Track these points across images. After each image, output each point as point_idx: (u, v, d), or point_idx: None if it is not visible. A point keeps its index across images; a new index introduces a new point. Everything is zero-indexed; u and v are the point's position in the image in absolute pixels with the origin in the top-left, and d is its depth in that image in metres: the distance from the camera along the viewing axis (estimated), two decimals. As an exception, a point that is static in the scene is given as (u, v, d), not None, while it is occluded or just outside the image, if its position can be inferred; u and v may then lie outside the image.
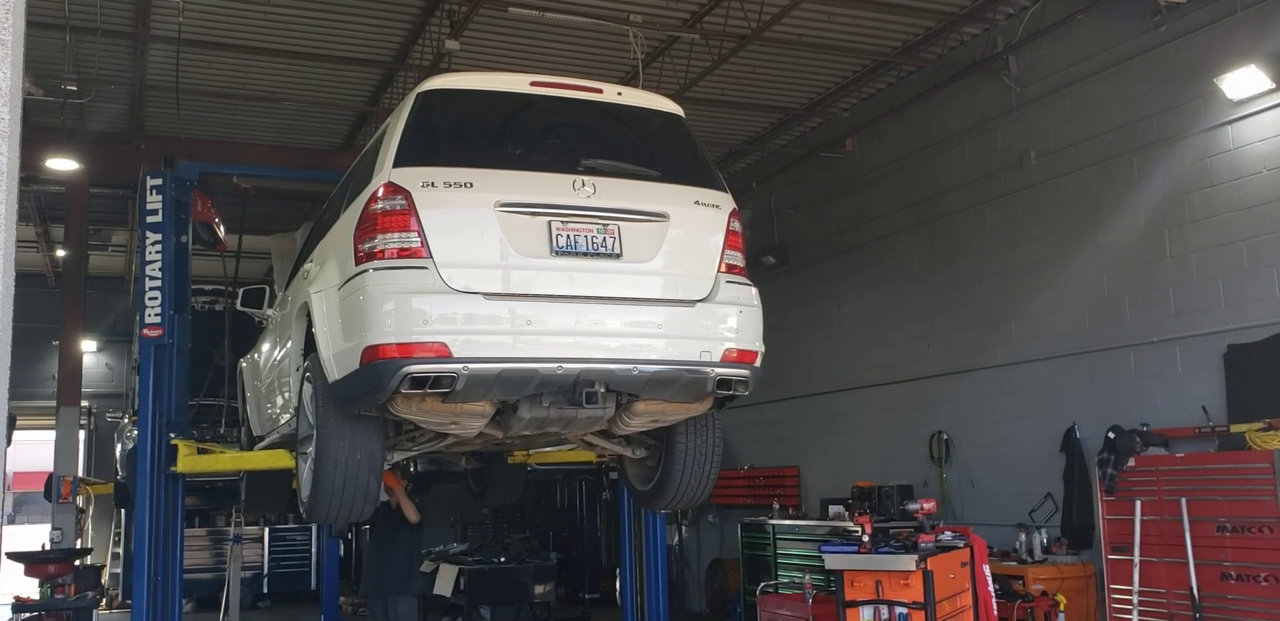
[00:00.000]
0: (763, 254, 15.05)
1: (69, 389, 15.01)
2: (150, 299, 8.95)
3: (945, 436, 12.40)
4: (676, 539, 16.80)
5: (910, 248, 13.21)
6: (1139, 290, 10.13)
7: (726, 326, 5.58)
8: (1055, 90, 11.06)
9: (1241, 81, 9.06)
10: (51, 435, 15.38)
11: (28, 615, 10.93)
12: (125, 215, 17.49)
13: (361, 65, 12.50)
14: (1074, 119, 10.88)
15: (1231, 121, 9.30)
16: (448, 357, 4.98)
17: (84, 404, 17.85)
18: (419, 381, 4.97)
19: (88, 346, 19.18)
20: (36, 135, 12.60)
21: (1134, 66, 10.22)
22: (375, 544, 10.18)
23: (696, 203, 5.74)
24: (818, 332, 14.86)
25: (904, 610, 7.86)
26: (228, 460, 8.83)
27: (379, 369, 4.97)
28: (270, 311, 8.10)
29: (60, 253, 17.94)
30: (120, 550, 19.09)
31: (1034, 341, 11.28)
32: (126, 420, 16.39)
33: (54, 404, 15.28)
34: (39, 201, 16.97)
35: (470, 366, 5.00)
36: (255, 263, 16.73)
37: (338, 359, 5.32)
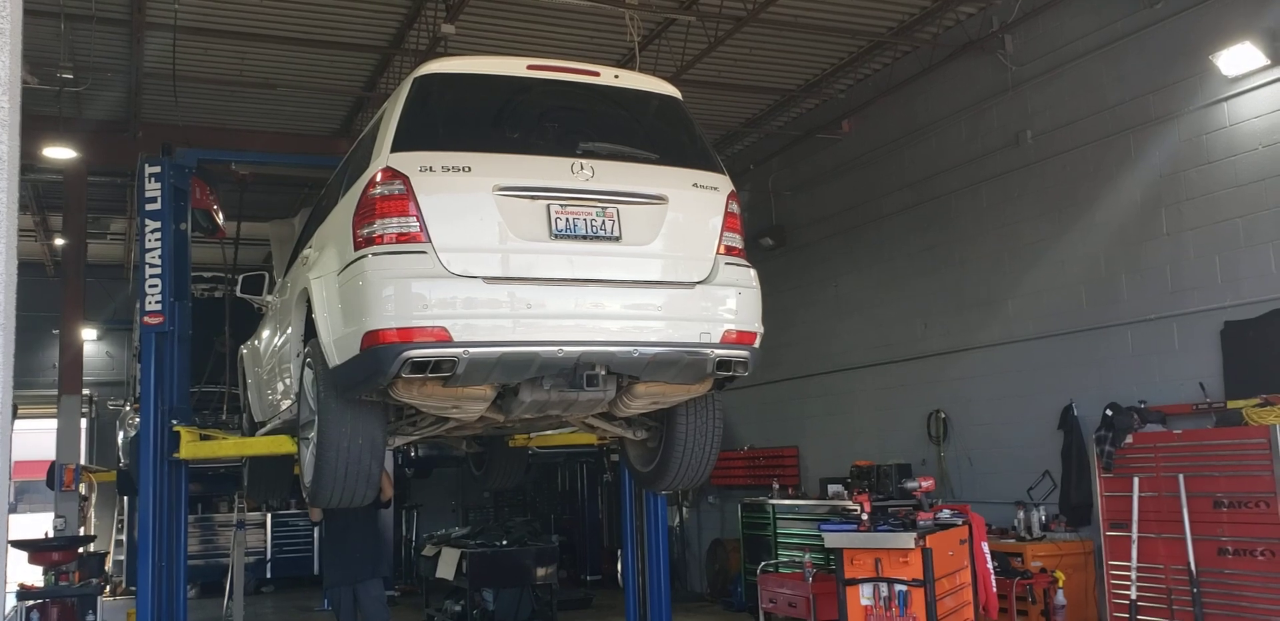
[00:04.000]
0: (760, 236, 15.07)
1: (70, 377, 15.03)
2: (150, 286, 8.94)
3: (943, 415, 12.45)
4: (677, 520, 16.88)
5: (907, 228, 13.22)
6: (1135, 268, 10.17)
7: (726, 308, 5.61)
8: (1051, 69, 11.07)
9: (1237, 58, 9.06)
10: (51, 424, 15.40)
11: (33, 602, 10.97)
12: (123, 203, 17.50)
13: (357, 50, 12.48)
14: (1070, 98, 10.89)
15: (1227, 98, 9.31)
16: (448, 342, 5.00)
17: (85, 392, 17.89)
18: (420, 366, 5.00)
19: (88, 335, 19.17)
20: (33, 124, 12.57)
21: (1129, 44, 10.23)
22: (333, 531, 9.99)
23: (695, 185, 5.76)
24: (815, 313, 14.90)
25: (903, 587, 7.92)
26: (230, 446, 8.85)
27: (379, 353, 4.99)
28: (270, 297, 8.11)
29: (59, 241, 17.93)
30: (123, 537, 19.16)
31: (1031, 320, 11.32)
32: (128, 408, 16.44)
33: (54, 392, 15.30)
34: (37, 190, 16.96)
35: (471, 350, 5.02)
36: (254, 250, 16.74)
37: (338, 344, 5.35)
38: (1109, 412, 9.72)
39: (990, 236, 11.89)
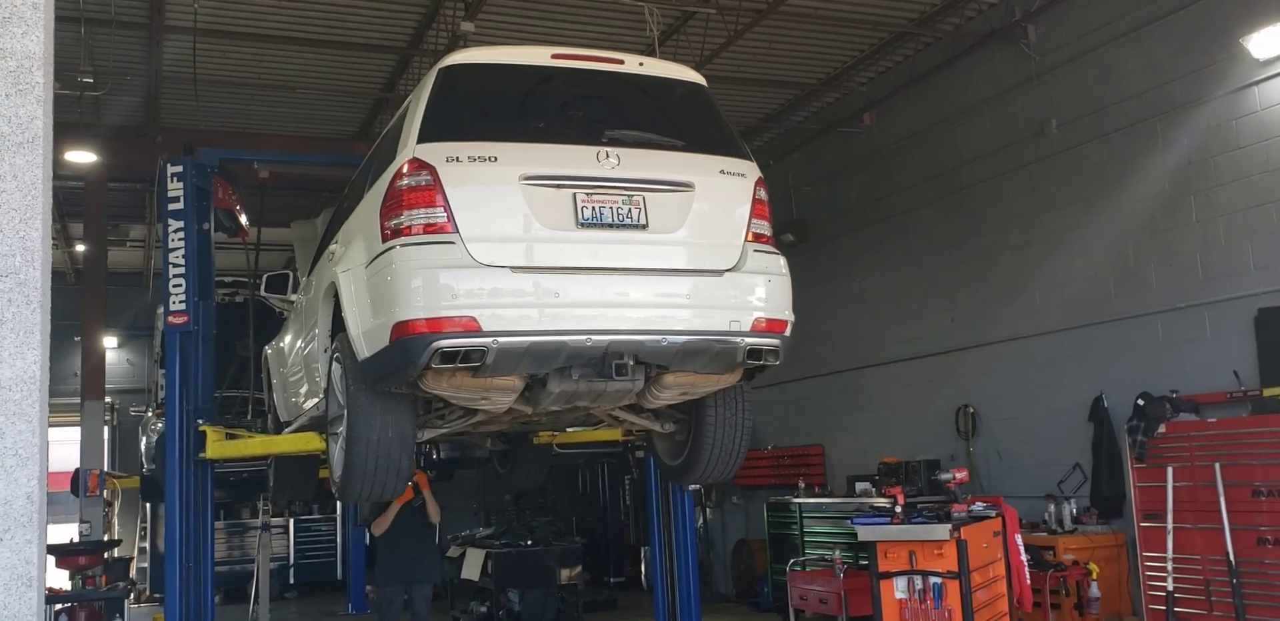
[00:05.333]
0: (782, 232, 14.95)
1: (93, 383, 15.07)
2: (174, 286, 8.93)
3: (971, 409, 12.34)
4: (701, 521, 16.76)
5: (931, 221, 13.12)
6: (1165, 256, 10.05)
7: (755, 296, 5.54)
8: (1076, 57, 10.96)
9: (1268, 40, 8.94)
10: (71, 433, 15.42)
11: (60, 606, 10.96)
12: (142, 210, 17.51)
13: (376, 51, 12.46)
14: (1096, 85, 10.78)
15: (1258, 82, 9.19)
16: (477, 331, 4.96)
17: (106, 400, 17.91)
18: (449, 356, 4.97)
19: (108, 342, 19.18)
20: (54, 129, 12.57)
21: (1156, 30, 10.11)
22: (394, 532, 10.04)
23: (721, 171, 5.70)
24: (840, 310, 14.79)
25: (938, 580, 7.82)
26: (256, 444, 8.82)
27: (409, 344, 4.96)
28: (294, 297, 8.09)
29: (80, 248, 17.97)
30: (147, 544, 19.15)
31: (1059, 311, 11.21)
32: (150, 413, 16.43)
33: (76, 401, 15.32)
34: (57, 198, 16.97)
35: (500, 340, 4.99)
36: (274, 255, 16.78)
37: (367, 336, 5.31)
38: (1141, 402, 9.60)
39: (1016, 227, 11.78)
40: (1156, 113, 10.09)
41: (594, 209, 5.33)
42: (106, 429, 19.47)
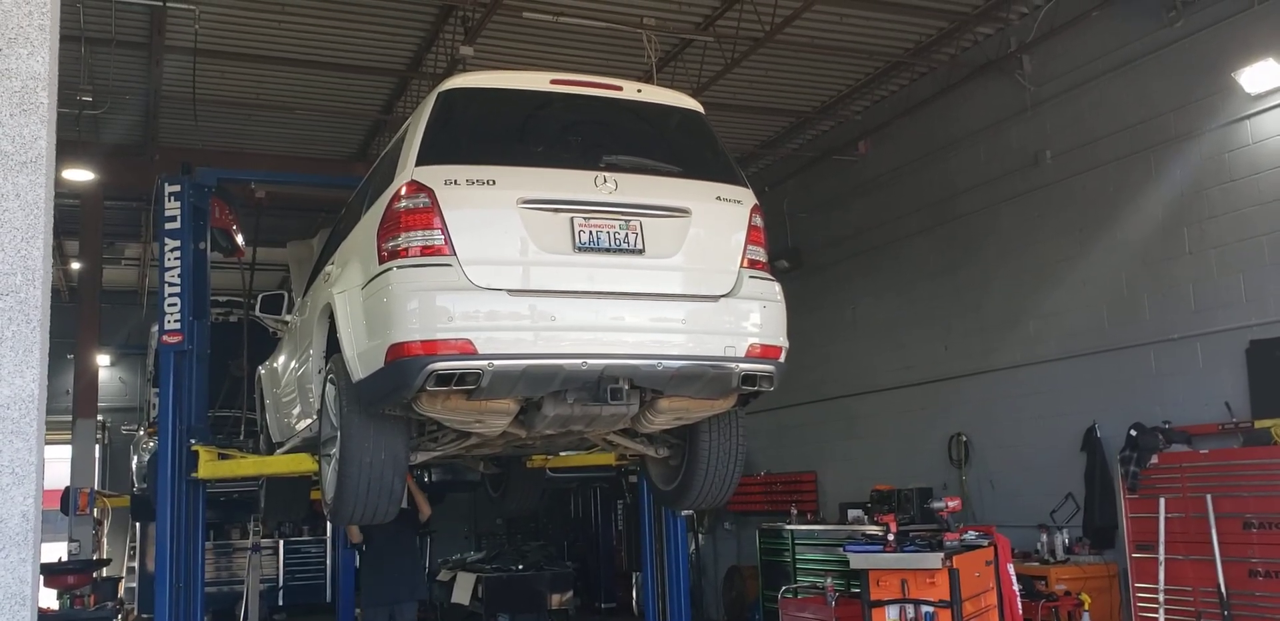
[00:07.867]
0: (776, 258, 14.97)
1: (85, 402, 15.02)
2: (170, 305, 8.94)
3: (964, 438, 12.34)
4: (693, 546, 16.69)
5: (925, 249, 13.18)
6: (1158, 287, 10.10)
7: (750, 321, 5.56)
8: (1070, 88, 11.05)
9: (1259, 75, 9.04)
10: (61, 452, 15.36)
11: (47, 626, 10.90)
12: (138, 228, 17.52)
13: (375, 74, 12.53)
14: (1089, 117, 10.87)
15: (1250, 116, 9.28)
16: (473, 354, 4.96)
17: (98, 418, 17.84)
18: (444, 378, 4.97)
19: (102, 361, 19.13)
20: (52, 148, 12.58)
21: (1150, 63, 10.21)
22: (372, 552, 9.96)
23: (718, 198, 5.73)
24: (833, 336, 14.81)
25: (930, 609, 7.80)
26: (249, 464, 8.80)
27: (404, 366, 4.96)
28: (289, 317, 8.09)
29: (75, 265, 17.95)
30: (136, 564, 18.98)
31: (1052, 340, 11.24)
32: (143, 432, 16.37)
33: (68, 418, 15.28)
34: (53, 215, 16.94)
35: (495, 363, 4.99)
36: (269, 275, 16.75)
37: (362, 358, 5.31)
38: (1133, 433, 9.63)
39: (1011, 257, 11.83)
40: (1150, 145, 10.17)
41: (591, 233, 5.35)
42: (98, 447, 19.37)
